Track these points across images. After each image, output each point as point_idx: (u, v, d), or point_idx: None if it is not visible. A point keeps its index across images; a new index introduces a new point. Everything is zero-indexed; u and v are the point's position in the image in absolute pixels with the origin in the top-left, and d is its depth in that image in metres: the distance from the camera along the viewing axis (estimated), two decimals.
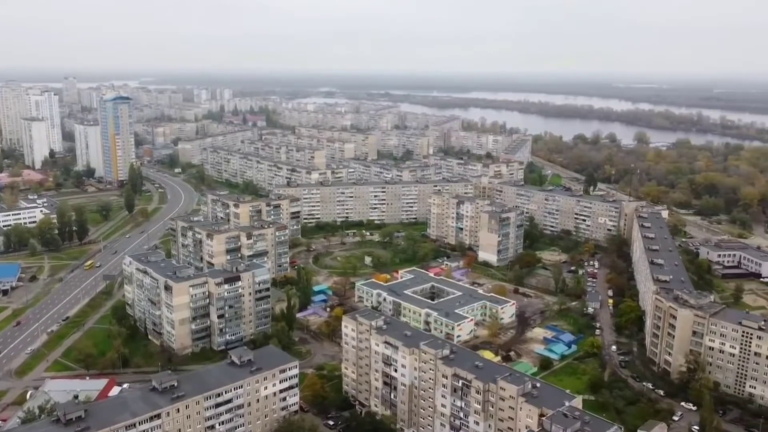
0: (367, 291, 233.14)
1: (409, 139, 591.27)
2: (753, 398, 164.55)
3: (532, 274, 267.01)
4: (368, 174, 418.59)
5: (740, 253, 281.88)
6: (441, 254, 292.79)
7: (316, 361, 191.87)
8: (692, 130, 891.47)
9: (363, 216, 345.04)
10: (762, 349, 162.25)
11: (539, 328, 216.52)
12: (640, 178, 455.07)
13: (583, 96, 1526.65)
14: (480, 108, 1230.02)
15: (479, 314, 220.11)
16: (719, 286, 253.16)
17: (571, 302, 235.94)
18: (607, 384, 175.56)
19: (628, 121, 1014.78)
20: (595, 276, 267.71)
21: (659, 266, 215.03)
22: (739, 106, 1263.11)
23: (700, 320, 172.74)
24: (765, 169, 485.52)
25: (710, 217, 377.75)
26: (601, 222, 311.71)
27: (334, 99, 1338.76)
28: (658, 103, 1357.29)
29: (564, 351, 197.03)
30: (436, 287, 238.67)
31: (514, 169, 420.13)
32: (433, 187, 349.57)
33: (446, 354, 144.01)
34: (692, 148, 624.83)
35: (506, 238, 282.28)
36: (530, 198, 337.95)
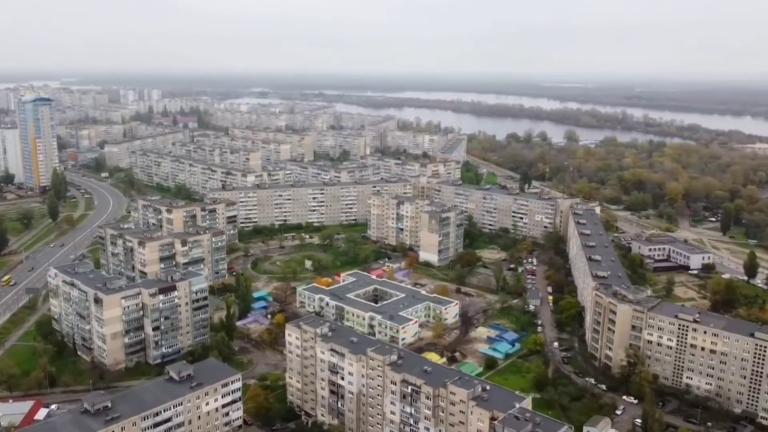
0: (309, 296, 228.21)
1: (346, 140, 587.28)
2: (690, 389, 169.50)
3: (473, 273, 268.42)
4: (306, 175, 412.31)
5: (669, 247, 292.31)
6: (382, 255, 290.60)
7: (259, 370, 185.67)
8: (617, 128, 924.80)
9: (302, 218, 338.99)
10: (697, 341, 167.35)
11: (483, 328, 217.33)
12: (572, 175, 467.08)
13: (513, 95, 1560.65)
14: (414, 108, 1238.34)
15: (423, 315, 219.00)
16: (651, 279, 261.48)
17: (512, 300, 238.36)
18: (552, 381, 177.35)
19: (557, 119, 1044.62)
20: (534, 273, 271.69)
21: (597, 262, 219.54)
22: (659, 104, 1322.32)
23: (638, 315, 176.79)
24: (687, 165, 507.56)
25: (639, 212, 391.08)
26: (537, 219, 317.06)
27: (267, 99, 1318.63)
28: (585, 102, 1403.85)
29: (508, 350, 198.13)
30: (379, 290, 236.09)
31: (451, 169, 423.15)
32: (372, 188, 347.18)
33: (394, 360, 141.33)
34: (619, 145, 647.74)
35: (447, 237, 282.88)
36: (468, 197, 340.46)
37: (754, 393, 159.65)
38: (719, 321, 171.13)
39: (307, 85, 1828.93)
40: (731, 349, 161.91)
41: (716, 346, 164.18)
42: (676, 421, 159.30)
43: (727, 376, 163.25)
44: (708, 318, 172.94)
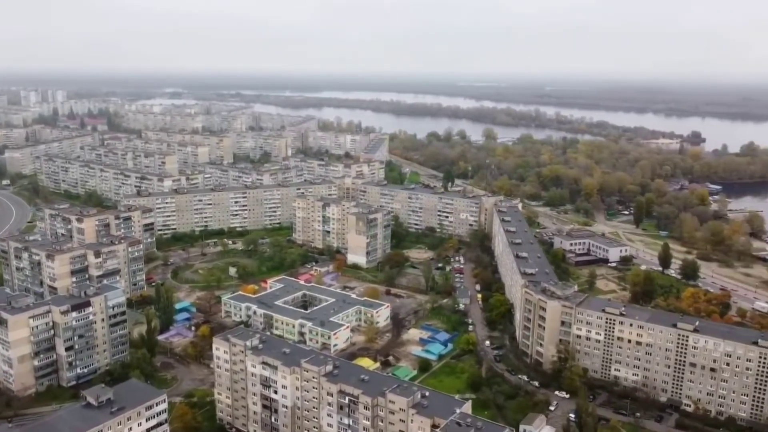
0: (235, 305, 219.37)
1: (267, 141, 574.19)
2: (618, 380, 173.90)
3: (402, 274, 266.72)
4: (226, 179, 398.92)
5: (589, 241, 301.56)
6: (309, 259, 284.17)
7: (184, 387, 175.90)
8: (532, 126, 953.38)
9: (224, 224, 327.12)
10: (624, 333, 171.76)
11: (414, 329, 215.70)
12: (493, 173, 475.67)
13: (430, 95, 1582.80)
14: (334, 107, 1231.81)
15: (354, 320, 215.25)
16: (574, 273, 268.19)
17: (442, 300, 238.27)
18: (486, 381, 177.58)
19: (475, 118, 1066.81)
20: (462, 271, 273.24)
21: (524, 259, 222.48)
22: (569, 102, 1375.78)
23: (567, 310, 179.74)
24: (599, 160, 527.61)
25: (558, 207, 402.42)
26: (463, 218, 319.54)
27: (182, 100, 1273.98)
28: (500, 100, 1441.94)
29: (441, 351, 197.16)
30: (308, 295, 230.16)
31: (375, 169, 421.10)
32: (297, 190, 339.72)
33: (330, 370, 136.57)
34: (535, 142, 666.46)
35: (374, 239, 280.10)
36: (394, 197, 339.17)
37: (677, 381, 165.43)
38: (643, 313, 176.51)
39: (223, 85, 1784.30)
40: (655, 340, 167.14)
41: (642, 338, 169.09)
42: (607, 413, 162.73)
43: (653, 366, 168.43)
44: (633, 311, 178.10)
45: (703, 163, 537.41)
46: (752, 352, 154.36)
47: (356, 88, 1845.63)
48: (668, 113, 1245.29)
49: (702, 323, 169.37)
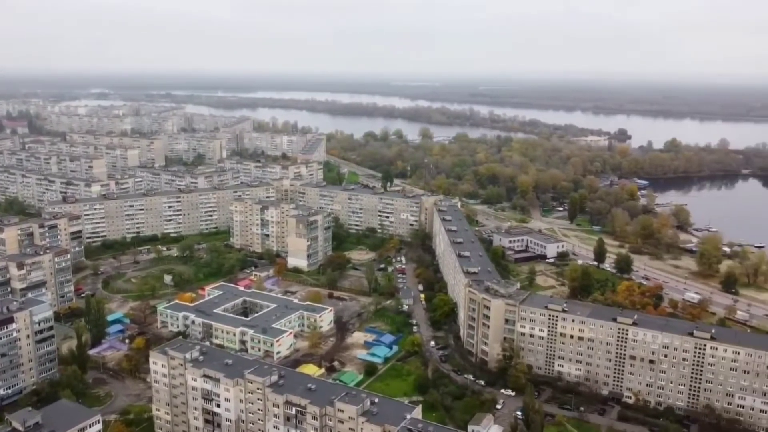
0: (172, 314, 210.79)
1: (200, 143, 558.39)
2: (562, 376, 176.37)
3: (344, 276, 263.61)
4: (158, 183, 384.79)
5: (527, 238, 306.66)
6: (249, 264, 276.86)
7: (119, 404, 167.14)
8: (466, 125, 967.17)
9: (157, 229, 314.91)
10: (566, 329, 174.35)
11: (359, 332, 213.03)
12: (430, 172, 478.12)
13: (366, 94, 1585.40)
14: (269, 108, 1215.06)
15: (297, 325, 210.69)
16: (514, 270, 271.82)
17: (386, 301, 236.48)
18: (433, 382, 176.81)
19: (410, 117, 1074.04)
20: (404, 272, 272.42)
21: (466, 258, 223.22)
22: (502, 101, 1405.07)
23: (511, 308, 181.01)
24: (533, 158, 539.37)
25: (495, 205, 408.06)
26: (403, 218, 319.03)
27: (109, 101, 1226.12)
28: (434, 100, 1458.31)
29: (386, 353, 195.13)
30: (249, 301, 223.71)
31: (313, 170, 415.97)
32: (233, 193, 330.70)
33: (275, 380, 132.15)
34: (471, 141, 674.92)
35: (315, 241, 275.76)
36: (334, 198, 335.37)
37: (618, 374, 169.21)
38: (584, 309, 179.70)
39: (152, 85, 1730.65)
40: (597, 334, 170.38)
41: (583, 333, 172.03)
42: (552, 408, 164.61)
43: (594, 360, 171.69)
44: (574, 307, 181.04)
45: (630, 160, 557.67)
46: (688, 343, 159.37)
47: (291, 87, 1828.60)
48: (596, 111, 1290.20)
49: (640, 316, 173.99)
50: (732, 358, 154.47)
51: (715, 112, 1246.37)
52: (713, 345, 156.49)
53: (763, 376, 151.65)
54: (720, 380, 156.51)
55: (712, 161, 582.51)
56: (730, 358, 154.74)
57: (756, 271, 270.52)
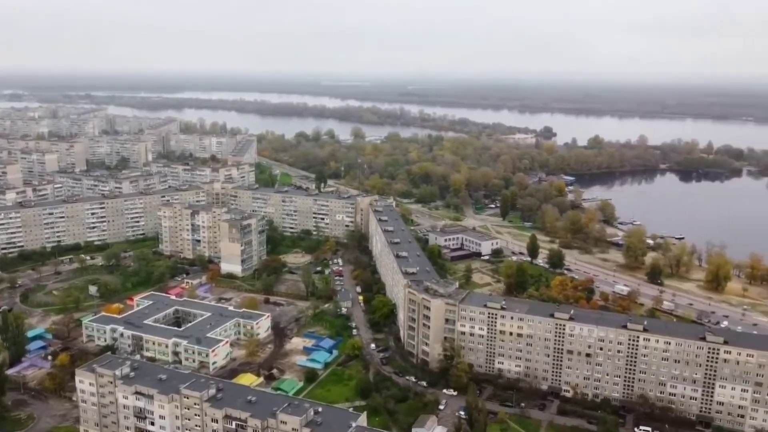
0: (98, 328, 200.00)
1: (124, 146, 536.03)
2: (502, 373, 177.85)
3: (280, 281, 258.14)
4: (80, 188, 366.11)
5: (462, 236, 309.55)
6: (180, 271, 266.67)
7: (43, 426, 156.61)
8: (397, 124, 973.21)
9: (80, 238, 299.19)
10: (505, 327, 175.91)
11: (298, 338, 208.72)
12: (364, 172, 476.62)
13: (295, 94, 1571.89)
14: (195, 108, 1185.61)
15: (233, 333, 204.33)
16: (451, 268, 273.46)
17: (324, 304, 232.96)
18: (375, 385, 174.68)
19: (342, 117, 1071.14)
20: (341, 274, 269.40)
21: (404, 259, 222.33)
22: (431, 101, 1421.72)
23: (451, 308, 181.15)
24: (465, 156, 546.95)
25: (429, 204, 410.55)
26: (339, 219, 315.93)
27: (23, 102, 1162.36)
28: (365, 99, 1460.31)
29: (327, 358, 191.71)
30: (181, 311, 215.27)
31: (245, 172, 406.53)
32: (161, 198, 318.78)
33: (213, 394, 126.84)
34: (403, 140, 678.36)
35: (249, 245, 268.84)
36: (267, 201, 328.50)
37: (557, 369, 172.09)
38: (522, 306, 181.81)
39: (70, 86, 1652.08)
40: (535, 331, 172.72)
41: (522, 330, 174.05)
42: (494, 406, 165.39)
43: (533, 356, 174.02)
44: (512, 304, 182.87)
45: (557, 157, 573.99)
46: (622, 335, 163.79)
47: (218, 88, 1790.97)
48: (521, 110, 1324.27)
49: (576, 311, 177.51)
50: (663, 348, 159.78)
51: (632, 109, 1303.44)
52: (646, 336, 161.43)
53: (693, 365, 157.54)
54: (653, 370, 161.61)
55: (633, 157, 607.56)
56: (661, 348, 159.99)
57: (678, 262, 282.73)
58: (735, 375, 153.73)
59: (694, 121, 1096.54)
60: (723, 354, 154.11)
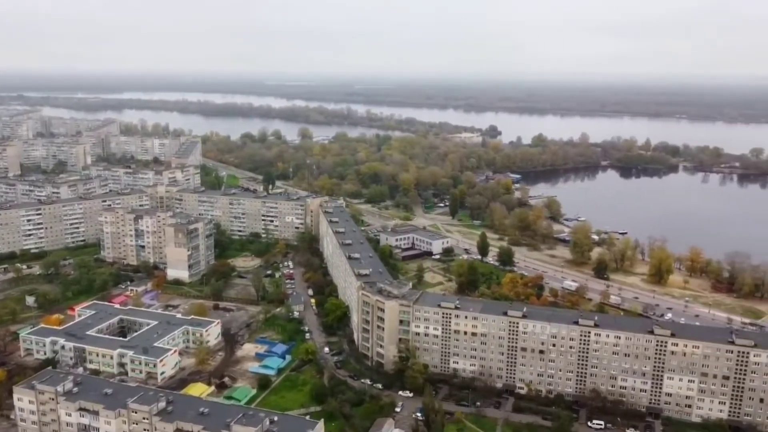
0: (37, 340, 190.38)
1: (61, 149, 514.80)
2: (457, 372, 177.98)
3: (229, 285, 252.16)
4: (14, 194, 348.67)
5: (413, 235, 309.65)
6: (124, 279, 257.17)
7: None
8: (345, 124, 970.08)
9: (15, 246, 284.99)
10: (460, 326, 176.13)
11: (249, 344, 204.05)
12: (313, 172, 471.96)
13: (240, 94, 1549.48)
14: (136, 109, 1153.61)
15: (182, 342, 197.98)
16: (402, 268, 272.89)
17: (275, 309, 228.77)
18: (330, 390, 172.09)
19: (288, 117, 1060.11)
20: (293, 277, 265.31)
21: (357, 260, 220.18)
22: (378, 100, 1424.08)
23: (405, 309, 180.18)
24: (413, 155, 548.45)
25: (379, 203, 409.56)
26: (288, 221, 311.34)
27: None
28: (311, 99, 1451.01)
29: (280, 364, 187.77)
30: (126, 320, 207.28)
31: (190, 174, 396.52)
32: (102, 203, 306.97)
33: (162, 407, 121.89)
34: (351, 140, 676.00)
35: (196, 250, 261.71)
36: (214, 204, 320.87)
37: (511, 367, 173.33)
38: (476, 305, 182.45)
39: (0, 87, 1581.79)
40: (489, 329, 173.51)
41: (476, 329, 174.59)
42: (450, 406, 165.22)
43: (488, 355, 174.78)
44: (466, 303, 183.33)
45: (503, 155, 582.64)
46: (574, 331, 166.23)
47: (159, 88, 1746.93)
48: (467, 109, 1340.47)
49: (529, 309, 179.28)
50: (614, 343, 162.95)
51: (573, 108, 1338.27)
52: (596, 332, 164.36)
53: (642, 358, 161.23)
54: (604, 364, 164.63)
55: (576, 154, 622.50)
56: (612, 342, 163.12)
57: (623, 256, 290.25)
58: (682, 366, 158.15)
59: (631, 119, 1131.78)
60: (670, 346, 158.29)
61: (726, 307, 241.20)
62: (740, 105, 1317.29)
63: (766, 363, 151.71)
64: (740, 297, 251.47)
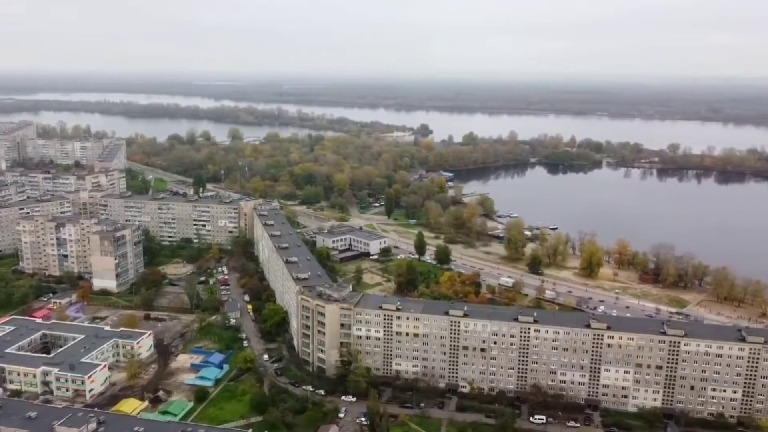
0: None
1: None
2: (400, 374, 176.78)
3: (161, 294, 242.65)
4: None
5: (350, 236, 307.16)
6: (45, 291, 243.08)
7: None
8: (276, 124, 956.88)
9: None
10: (402, 327, 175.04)
11: (184, 355, 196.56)
12: (245, 174, 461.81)
13: (165, 95, 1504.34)
14: (54, 111, 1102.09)
15: (111, 356, 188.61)
16: (341, 270, 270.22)
17: (211, 317, 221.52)
18: (271, 399, 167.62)
19: (217, 118, 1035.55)
20: (228, 282, 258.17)
21: (294, 264, 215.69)
22: (308, 100, 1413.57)
23: (346, 312, 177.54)
24: (346, 155, 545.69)
25: (314, 205, 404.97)
26: (221, 225, 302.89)
27: None
28: (240, 99, 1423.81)
29: (217, 374, 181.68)
30: (50, 335, 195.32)
31: (114, 179, 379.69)
32: (19, 210, 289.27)
33: (93, 429, 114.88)
34: (283, 141, 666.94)
35: (124, 258, 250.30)
36: (142, 209, 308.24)
37: (453, 366, 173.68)
38: (417, 305, 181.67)
39: None
40: (431, 329, 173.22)
41: (418, 330, 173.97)
42: (394, 409, 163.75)
43: (430, 355, 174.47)
44: (407, 304, 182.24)
45: (435, 153, 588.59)
46: (514, 328, 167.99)
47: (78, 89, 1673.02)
48: (398, 108, 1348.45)
49: (469, 308, 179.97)
50: (553, 338, 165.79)
51: (500, 106, 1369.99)
52: (536, 328, 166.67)
53: (580, 351, 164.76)
54: (544, 360, 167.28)
55: (505, 152, 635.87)
56: (551, 338, 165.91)
57: (555, 251, 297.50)
58: (618, 358, 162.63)
59: (556, 117, 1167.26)
60: (606, 339, 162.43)
61: (653, 298, 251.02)
62: (655, 103, 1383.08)
63: (695, 351, 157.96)
64: (665, 287, 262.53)
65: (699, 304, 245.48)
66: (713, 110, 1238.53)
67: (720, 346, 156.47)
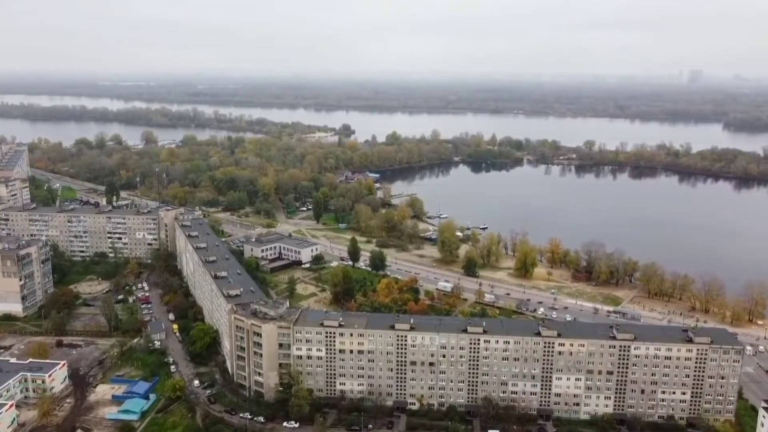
0: None
1: None
2: (344, 394, 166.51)
3: (74, 316, 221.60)
4: None
5: (280, 244, 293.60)
6: None
7: None
8: (192, 126, 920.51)
9: None
10: (345, 344, 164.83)
11: (104, 385, 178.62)
12: (162, 180, 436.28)
13: (70, 96, 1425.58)
14: None
15: (19, 392, 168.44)
16: (272, 281, 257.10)
17: (132, 340, 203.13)
18: (205, 429, 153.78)
19: (128, 120, 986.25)
20: (149, 300, 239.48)
21: (224, 279, 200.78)
22: (224, 101, 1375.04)
23: (284, 331, 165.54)
24: (269, 158, 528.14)
25: (238, 211, 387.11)
26: (140, 237, 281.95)
27: None
28: (152, 100, 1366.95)
29: (143, 406, 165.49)
30: None
31: (16, 189, 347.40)
32: None
33: None
34: (201, 143, 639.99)
35: (30, 278, 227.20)
36: (49, 222, 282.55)
37: (401, 383, 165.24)
38: (361, 320, 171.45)
39: None
40: (376, 345, 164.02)
41: (363, 346, 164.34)
42: None
43: (376, 372, 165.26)
44: (350, 319, 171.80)
45: (360, 154, 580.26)
46: (463, 340, 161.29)
47: None
48: (317, 108, 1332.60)
49: (416, 320, 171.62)
50: (503, 348, 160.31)
51: (420, 105, 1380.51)
52: (486, 338, 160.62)
53: (531, 360, 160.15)
54: (494, 371, 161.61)
55: (429, 151, 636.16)
56: (501, 348, 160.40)
57: (488, 252, 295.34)
58: (569, 366, 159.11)
59: (474, 116, 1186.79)
60: (557, 347, 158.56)
61: (588, 296, 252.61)
62: (566, 100, 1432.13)
63: (645, 355, 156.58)
64: (598, 285, 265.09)
65: (632, 301, 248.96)
66: (620, 107, 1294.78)
67: (669, 348, 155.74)
